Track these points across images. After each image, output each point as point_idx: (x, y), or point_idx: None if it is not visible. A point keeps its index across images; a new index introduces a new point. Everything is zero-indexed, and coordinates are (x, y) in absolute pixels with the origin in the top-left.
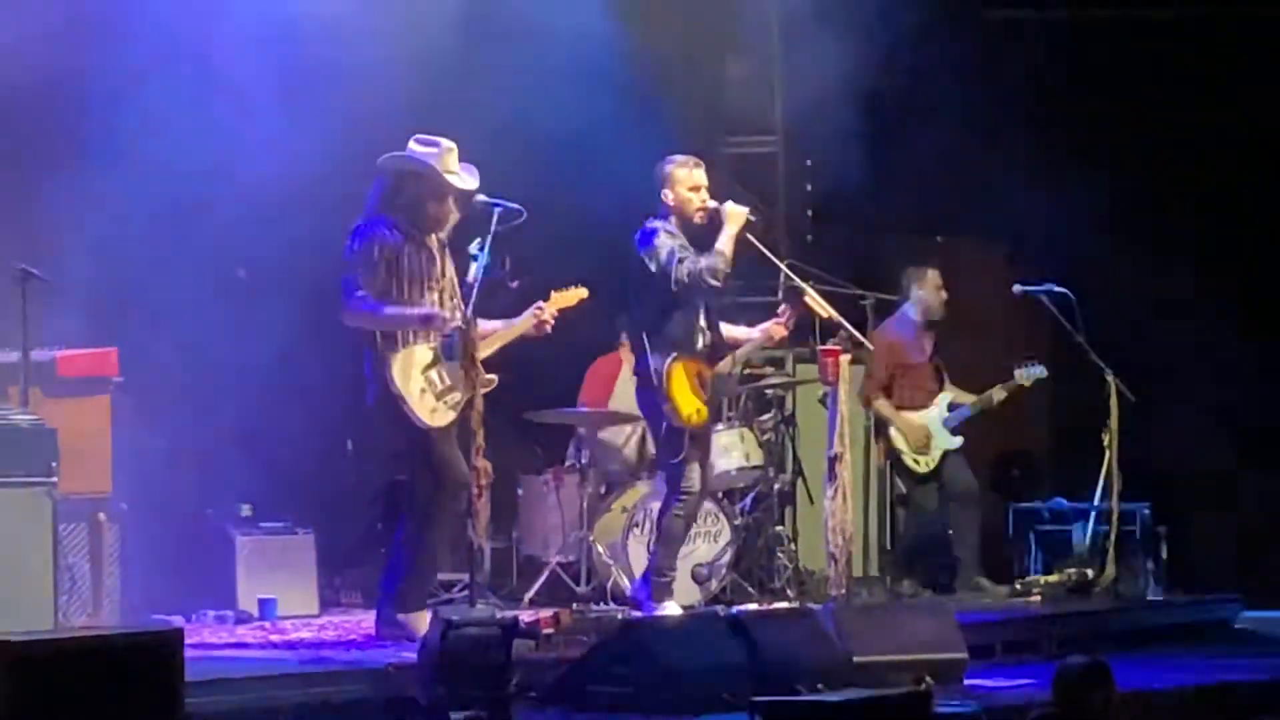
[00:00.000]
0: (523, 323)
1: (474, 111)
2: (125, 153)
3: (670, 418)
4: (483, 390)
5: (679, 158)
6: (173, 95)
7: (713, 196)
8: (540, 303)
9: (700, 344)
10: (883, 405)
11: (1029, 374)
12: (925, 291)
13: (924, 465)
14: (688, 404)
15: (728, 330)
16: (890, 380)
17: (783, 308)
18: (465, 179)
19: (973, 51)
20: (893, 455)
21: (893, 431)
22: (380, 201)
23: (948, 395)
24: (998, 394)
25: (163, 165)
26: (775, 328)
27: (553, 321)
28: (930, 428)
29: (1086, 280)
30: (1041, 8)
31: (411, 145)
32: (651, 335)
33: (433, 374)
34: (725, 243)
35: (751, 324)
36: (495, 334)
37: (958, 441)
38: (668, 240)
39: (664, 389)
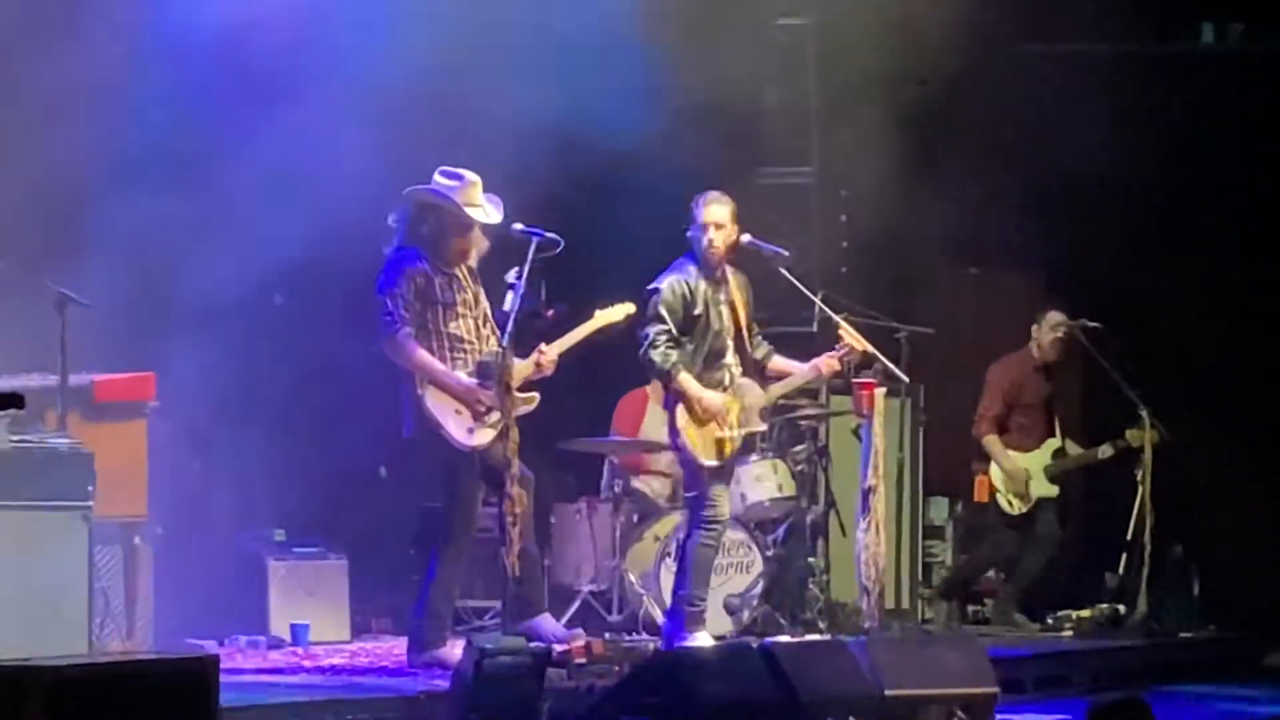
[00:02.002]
0: (527, 363)
1: (511, 142)
2: (162, 177)
3: (686, 451)
4: (524, 410)
5: (708, 194)
6: (214, 118)
7: (747, 228)
8: (542, 345)
9: (726, 381)
10: (992, 441)
11: (1139, 435)
12: (1041, 332)
13: (1016, 508)
14: (697, 444)
15: (780, 364)
16: (1006, 416)
17: (842, 343)
18: (489, 212)
19: (1010, 84)
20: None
21: (994, 468)
22: (407, 233)
23: (1055, 442)
24: (1104, 451)
25: (201, 190)
26: (829, 362)
27: (552, 368)
28: (1032, 472)
29: (1122, 314)
30: (1080, 42)
31: (436, 177)
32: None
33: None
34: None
35: (821, 351)
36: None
37: (1054, 490)
38: (658, 310)
39: (675, 429)
